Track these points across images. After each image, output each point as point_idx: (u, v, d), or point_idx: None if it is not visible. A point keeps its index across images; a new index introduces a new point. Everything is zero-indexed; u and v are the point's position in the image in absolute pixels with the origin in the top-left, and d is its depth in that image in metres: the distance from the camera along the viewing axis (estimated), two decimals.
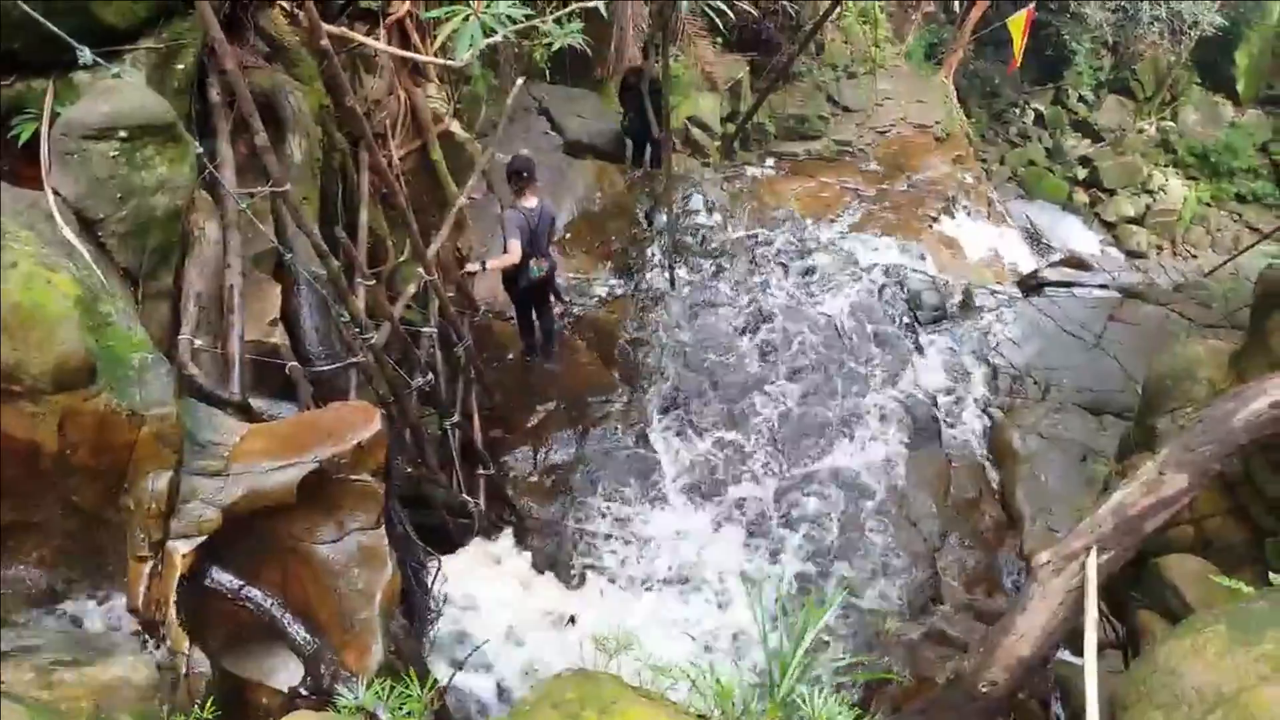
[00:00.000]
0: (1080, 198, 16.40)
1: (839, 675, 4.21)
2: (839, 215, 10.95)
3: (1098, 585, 3.55)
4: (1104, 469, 6.29)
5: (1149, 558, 4.35)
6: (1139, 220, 15.91)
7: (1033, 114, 17.73)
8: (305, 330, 4.44)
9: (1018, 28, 11.48)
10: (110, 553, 2.83)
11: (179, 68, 3.94)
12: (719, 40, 12.52)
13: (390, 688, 2.57)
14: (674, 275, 8.45)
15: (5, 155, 3.35)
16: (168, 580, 2.73)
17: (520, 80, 6.23)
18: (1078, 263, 10.82)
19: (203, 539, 2.80)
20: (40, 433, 2.58)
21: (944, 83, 14.47)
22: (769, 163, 12.44)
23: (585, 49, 4.95)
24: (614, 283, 8.72)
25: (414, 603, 4.36)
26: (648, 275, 8.68)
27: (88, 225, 3.18)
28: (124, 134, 3.15)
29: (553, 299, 7.13)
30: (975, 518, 6.63)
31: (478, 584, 5.32)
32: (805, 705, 2.43)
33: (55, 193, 3.12)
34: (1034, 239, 13.76)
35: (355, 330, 4.50)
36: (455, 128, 6.93)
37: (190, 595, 2.77)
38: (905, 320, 8.53)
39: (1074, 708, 4.41)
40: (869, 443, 7.05)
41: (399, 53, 5.65)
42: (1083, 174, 16.62)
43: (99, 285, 2.94)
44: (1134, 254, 15.25)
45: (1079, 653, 3.58)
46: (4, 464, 2.56)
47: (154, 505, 2.73)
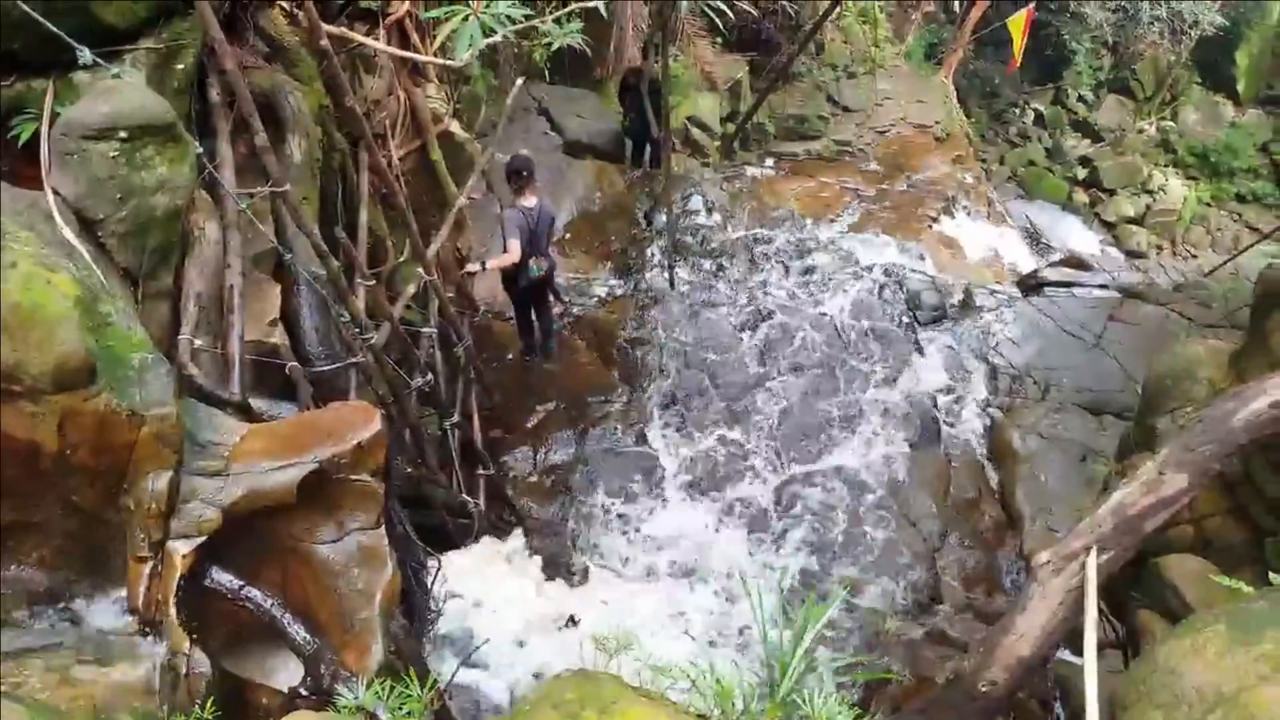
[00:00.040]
0: (1080, 198, 16.39)
1: (839, 675, 4.21)
2: (839, 215, 10.96)
3: (1097, 585, 3.55)
4: (1104, 469, 6.29)
5: (1149, 558, 4.35)
6: (1139, 220, 15.90)
7: (1032, 114, 17.72)
8: (305, 330, 4.45)
9: (1017, 28, 11.49)
10: (110, 553, 2.82)
11: (179, 68, 3.94)
12: (718, 40, 12.52)
13: (390, 688, 2.57)
14: (673, 275, 8.45)
15: (5, 155, 3.35)
16: (168, 580, 2.73)
17: (520, 80, 6.23)
18: (1077, 263, 10.81)
19: (203, 539, 2.80)
20: (40, 433, 2.58)
21: (944, 83, 14.47)
22: (769, 163, 12.44)
23: (585, 49, 4.96)
24: (613, 283, 8.72)
25: (414, 603, 4.36)
26: (647, 275, 8.69)
27: (87, 225, 3.18)
28: (124, 134, 3.15)
29: (552, 299, 7.13)
30: (975, 517, 6.63)
31: (477, 584, 5.33)
32: (805, 705, 2.43)
33: (55, 193, 3.12)
34: (1034, 239, 13.76)
35: (355, 330, 4.50)
36: (455, 128, 6.93)
37: (190, 595, 2.77)
38: (905, 320, 8.52)
39: (1074, 707, 4.41)
40: (869, 442, 7.05)
41: (399, 53, 5.65)
42: (1083, 174, 16.61)
43: (99, 285, 2.94)
44: (1134, 254, 15.24)
45: (1079, 652, 3.58)
46: (4, 464, 2.56)
47: (154, 505, 2.73)
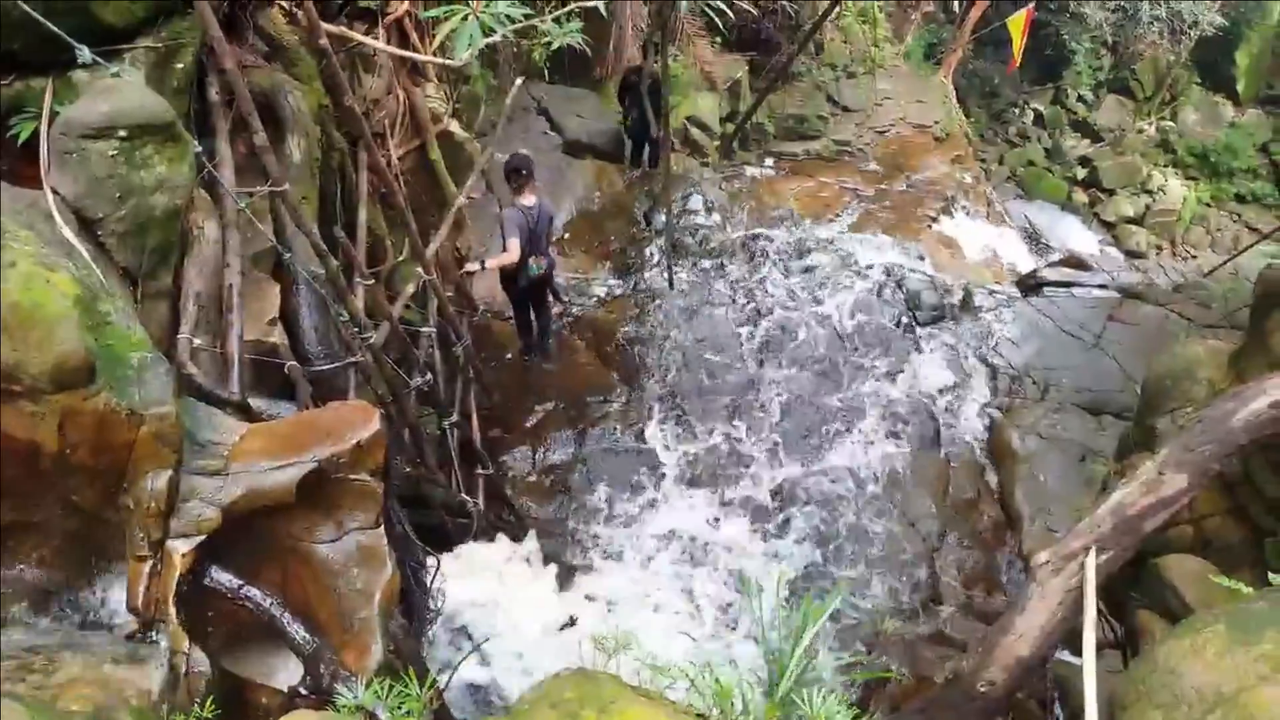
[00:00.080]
0: (1079, 198, 16.41)
1: (838, 674, 4.21)
2: (838, 215, 10.96)
3: (1097, 585, 3.55)
4: (1103, 469, 6.29)
5: (1148, 558, 4.35)
6: (1138, 220, 15.91)
7: (1032, 114, 17.72)
8: (304, 330, 4.44)
9: (1017, 27, 11.50)
10: (110, 552, 2.82)
11: (178, 67, 3.94)
12: (718, 40, 12.52)
13: (389, 687, 2.57)
14: (673, 275, 8.45)
15: (4, 154, 3.35)
16: (167, 580, 2.73)
17: (519, 80, 6.24)
18: (1077, 263, 10.81)
19: (202, 538, 2.80)
20: (40, 433, 2.58)
21: (943, 82, 14.47)
22: (768, 162, 12.45)
23: (584, 48, 4.95)
24: (613, 282, 8.72)
25: (413, 602, 4.36)
26: (646, 275, 8.69)
27: (87, 225, 3.17)
28: (123, 133, 3.14)
29: (551, 298, 7.13)
30: (974, 517, 6.63)
31: (477, 583, 5.33)
32: (804, 704, 2.43)
33: (54, 192, 3.11)
34: (1033, 239, 13.78)
35: (354, 330, 4.49)
36: (454, 127, 6.92)
37: (190, 595, 2.77)
38: (904, 320, 8.52)
39: (1073, 707, 4.40)
40: (868, 442, 7.05)
41: (398, 52, 5.64)
42: (1082, 174, 16.62)
43: (98, 285, 2.94)
44: (1133, 254, 15.26)
45: (1078, 652, 3.57)
46: (4, 464, 2.55)
47: (153, 505, 2.73)
